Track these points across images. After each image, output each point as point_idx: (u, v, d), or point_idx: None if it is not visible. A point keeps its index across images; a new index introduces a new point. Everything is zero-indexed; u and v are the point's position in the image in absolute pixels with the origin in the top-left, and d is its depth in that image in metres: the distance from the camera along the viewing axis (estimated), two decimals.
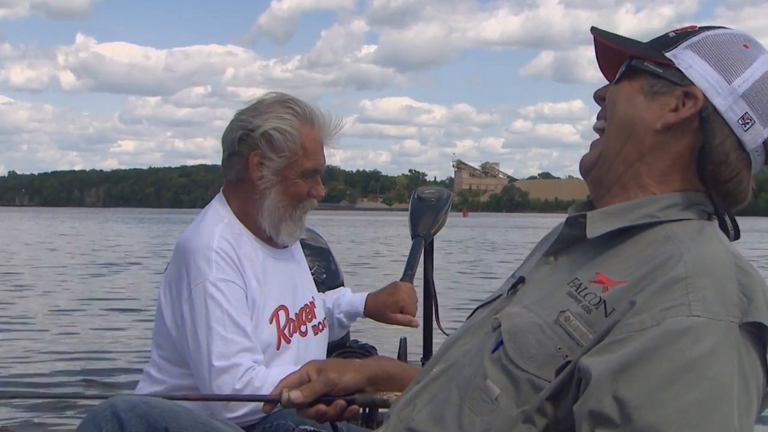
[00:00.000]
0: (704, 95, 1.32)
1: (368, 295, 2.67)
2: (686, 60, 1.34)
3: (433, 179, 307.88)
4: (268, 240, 2.34)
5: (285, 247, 2.40)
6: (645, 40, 1.43)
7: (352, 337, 3.01)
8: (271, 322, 2.24)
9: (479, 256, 25.97)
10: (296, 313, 2.34)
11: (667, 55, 1.36)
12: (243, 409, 2.07)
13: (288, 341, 2.27)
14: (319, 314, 2.46)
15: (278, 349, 2.24)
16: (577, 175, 1.49)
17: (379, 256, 24.51)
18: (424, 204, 2.90)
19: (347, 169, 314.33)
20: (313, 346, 2.36)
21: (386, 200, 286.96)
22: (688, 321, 1.11)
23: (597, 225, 1.34)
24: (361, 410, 2.05)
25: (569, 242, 1.41)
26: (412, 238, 2.85)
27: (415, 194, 2.96)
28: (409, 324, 2.62)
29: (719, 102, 1.31)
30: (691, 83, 1.33)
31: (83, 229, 49.15)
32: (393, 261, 20.01)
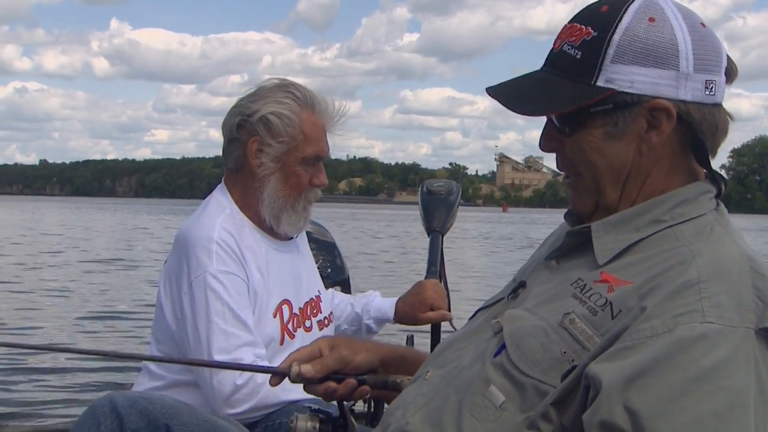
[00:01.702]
0: (666, 99, 1.25)
1: (398, 300, 2.62)
2: (622, 77, 1.25)
3: (474, 173, 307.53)
4: (271, 231, 2.29)
5: (290, 239, 2.35)
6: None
7: None
8: (275, 316, 2.20)
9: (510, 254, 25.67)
10: (300, 308, 2.29)
11: (602, 84, 1.26)
12: (244, 405, 2.03)
13: (292, 336, 2.23)
14: (325, 309, 2.42)
15: (282, 344, 2.19)
16: None
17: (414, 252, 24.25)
18: (435, 198, 2.84)
19: (386, 162, 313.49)
20: None
21: None
22: (702, 328, 1.07)
23: (605, 241, 1.28)
24: (365, 406, 2.02)
25: (572, 247, 1.36)
26: (429, 234, 2.81)
27: (423, 187, 2.89)
28: (443, 319, 2.57)
29: (683, 93, 1.25)
30: (648, 96, 1.25)
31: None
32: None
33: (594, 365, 1.12)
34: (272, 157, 2.20)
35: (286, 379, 2.00)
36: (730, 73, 1.30)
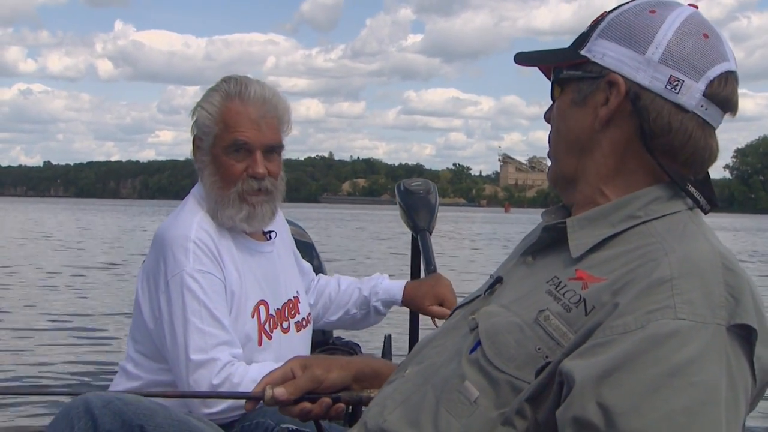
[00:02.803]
0: (625, 77, 1.28)
1: (407, 283, 2.62)
2: (599, 50, 1.31)
3: (478, 173, 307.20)
4: (248, 231, 2.27)
5: (268, 239, 2.35)
6: None
7: (335, 334, 2.98)
8: (253, 316, 2.19)
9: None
10: (278, 309, 2.28)
11: (582, 52, 1.33)
12: (222, 405, 2.02)
13: (269, 337, 2.22)
14: (303, 310, 2.40)
15: (260, 345, 2.19)
16: None
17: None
18: (416, 197, 2.84)
19: (389, 163, 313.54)
20: (295, 343, 2.30)
21: None
22: (674, 324, 1.08)
23: (579, 236, 1.30)
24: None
25: (548, 243, 1.37)
26: (416, 233, 2.80)
27: (400, 187, 2.89)
28: (444, 317, 2.53)
29: (641, 77, 1.28)
30: (609, 70, 1.29)
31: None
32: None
33: (567, 362, 1.13)
34: (204, 150, 2.22)
35: (262, 372, 1.99)
36: (720, 94, 1.28)
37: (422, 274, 2.75)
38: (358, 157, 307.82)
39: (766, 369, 1.16)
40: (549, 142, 1.41)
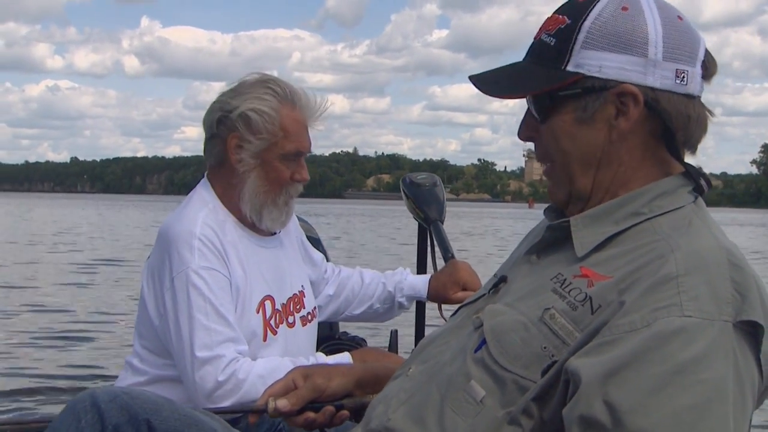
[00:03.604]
0: (636, 84, 1.25)
1: (431, 278, 2.62)
2: (592, 63, 1.26)
3: (503, 169, 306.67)
4: (253, 227, 2.27)
5: (273, 234, 2.34)
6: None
7: (341, 329, 2.97)
8: (257, 312, 2.18)
9: None
10: (283, 304, 2.28)
11: (571, 69, 1.27)
12: (226, 401, 2.01)
13: (274, 332, 2.21)
14: (309, 304, 2.39)
15: (265, 340, 2.18)
16: None
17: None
18: (423, 189, 2.85)
19: (414, 158, 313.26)
20: (301, 338, 2.29)
21: (454, 190, 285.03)
22: (680, 322, 1.08)
23: (584, 234, 1.28)
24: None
25: (552, 242, 1.36)
26: (429, 225, 2.81)
27: (406, 180, 2.90)
28: None
29: (651, 80, 1.25)
30: (616, 81, 1.25)
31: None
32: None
33: (574, 360, 1.12)
34: (252, 153, 2.18)
35: (267, 368, 1.97)
36: (709, 68, 1.30)
37: (436, 263, 2.77)
38: (383, 153, 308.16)
39: None
40: (548, 163, 1.36)
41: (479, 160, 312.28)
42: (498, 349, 1.23)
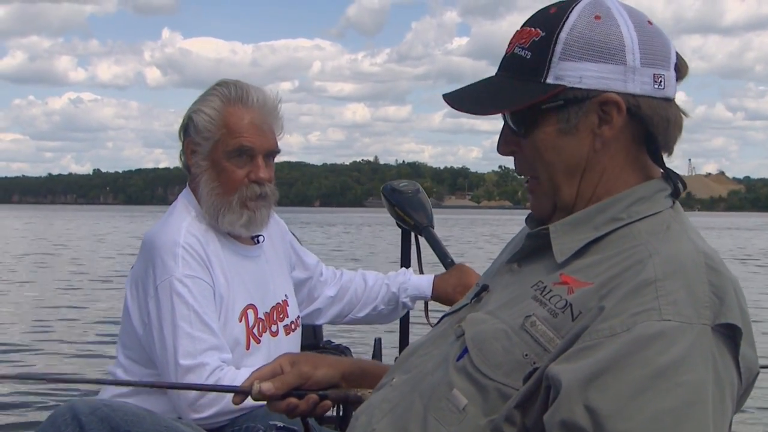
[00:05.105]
0: (616, 93, 1.25)
1: (435, 278, 2.62)
2: (572, 74, 1.26)
3: (521, 176, 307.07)
4: (237, 235, 2.26)
5: (256, 242, 2.33)
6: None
7: (325, 337, 2.96)
8: (240, 321, 2.18)
9: None
10: (266, 313, 2.27)
11: (551, 81, 1.26)
12: (209, 410, 2.00)
13: (258, 341, 2.21)
14: (292, 313, 2.39)
15: (248, 349, 2.18)
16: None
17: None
18: (406, 196, 2.82)
19: (435, 166, 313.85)
20: (284, 346, 2.27)
21: (474, 198, 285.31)
22: (659, 326, 1.09)
23: (563, 241, 1.29)
24: (334, 411, 1.99)
25: (533, 250, 1.36)
26: (419, 231, 2.79)
27: (387, 188, 2.87)
28: None
29: (632, 87, 1.26)
30: (597, 91, 1.25)
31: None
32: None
33: (554, 366, 1.13)
34: (203, 155, 2.20)
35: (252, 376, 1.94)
36: (680, 70, 1.31)
37: (422, 268, 2.78)
38: (404, 161, 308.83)
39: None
40: (529, 176, 1.36)
41: (500, 167, 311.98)
42: (480, 357, 1.23)
